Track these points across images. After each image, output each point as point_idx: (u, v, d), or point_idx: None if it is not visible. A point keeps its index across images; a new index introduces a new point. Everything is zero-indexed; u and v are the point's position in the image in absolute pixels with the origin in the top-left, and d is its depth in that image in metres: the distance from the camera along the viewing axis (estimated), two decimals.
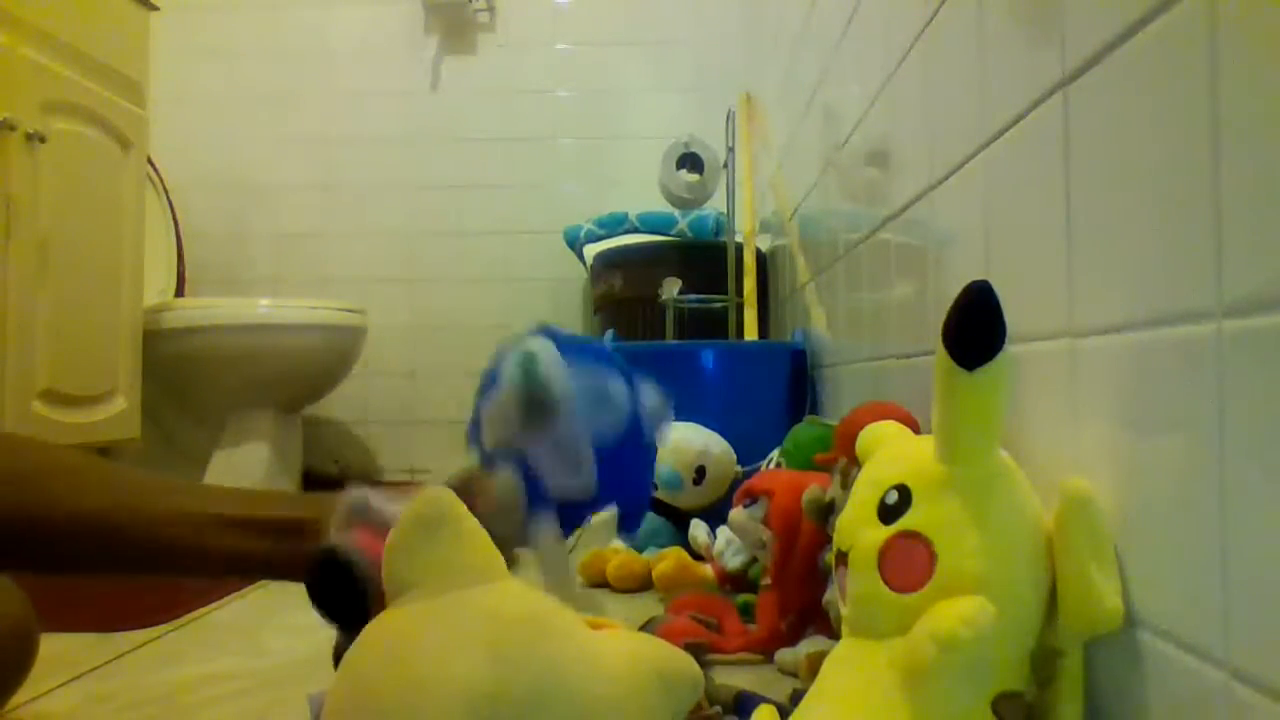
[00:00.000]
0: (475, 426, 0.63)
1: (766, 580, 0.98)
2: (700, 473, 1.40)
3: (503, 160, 2.77)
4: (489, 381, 0.62)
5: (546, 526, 0.58)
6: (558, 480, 0.58)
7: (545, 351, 0.60)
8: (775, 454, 1.34)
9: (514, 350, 0.61)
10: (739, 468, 1.44)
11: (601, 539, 1.45)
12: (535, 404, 0.57)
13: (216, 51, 2.79)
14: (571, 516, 0.61)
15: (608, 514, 0.65)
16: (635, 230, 2.34)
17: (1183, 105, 0.44)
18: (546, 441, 0.58)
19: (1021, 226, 0.66)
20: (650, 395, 0.64)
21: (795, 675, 0.87)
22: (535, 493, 0.58)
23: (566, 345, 0.61)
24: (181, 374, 2.21)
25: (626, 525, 0.66)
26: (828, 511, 0.83)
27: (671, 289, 1.94)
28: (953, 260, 0.83)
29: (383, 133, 2.78)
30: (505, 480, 0.58)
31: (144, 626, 1.10)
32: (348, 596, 0.53)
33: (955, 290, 0.52)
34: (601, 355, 0.62)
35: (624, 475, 0.61)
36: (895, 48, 0.99)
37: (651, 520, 1.46)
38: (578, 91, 2.78)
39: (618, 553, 1.33)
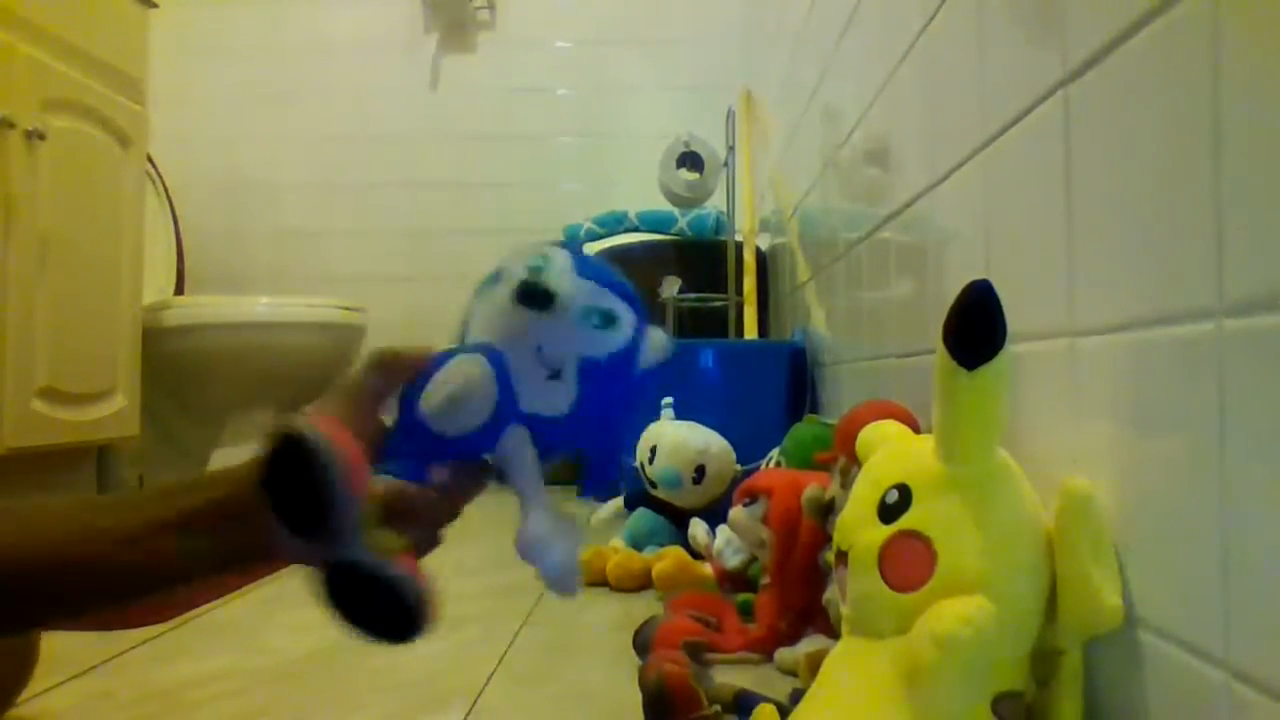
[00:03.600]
0: (464, 325, 0.56)
1: (766, 579, 0.98)
2: (700, 471, 1.40)
3: (502, 159, 2.77)
4: (491, 278, 0.55)
5: (516, 430, 0.52)
6: (532, 388, 0.52)
7: (559, 258, 0.53)
8: (775, 453, 1.34)
9: (527, 253, 0.56)
10: (738, 466, 1.44)
11: (601, 537, 1.45)
12: (532, 293, 0.51)
13: (216, 49, 2.79)
14: (537, 438, 0.53)
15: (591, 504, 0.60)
16: (635, 229, 2.34)
17: (1184, 104, 0.44)
18: (532, 340, 0.52)
19: (1022, 225, 0.66)
20: (656, 335, 0.57)
21: (795, 674, 0.87)
22: (505, 398, 0.51)
23: (584, 261, 0.55)
24: (181, 372, 2.21)
25: (591, 480, 0.57)
26: (827, 510, 0.83)
27: (671, 288, 1.94)
28: (953, 259, 0.83)
29: (382, 131, 2.78)
30: (472, 361, 0.51)
31: (150, 623, 1.10)
32: (309, 480, 0.44)
33: (955, 289, 0.52)
34: (617, 282, 0.57)
35: (602, 408, 0.54)
36: (895, 46, 0.99)
37: (651, 519, 1.45)
38: (578, 90, 2.78)
39: (617, 551, 1.33)
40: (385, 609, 0.47)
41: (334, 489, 0.44)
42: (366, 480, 0.47)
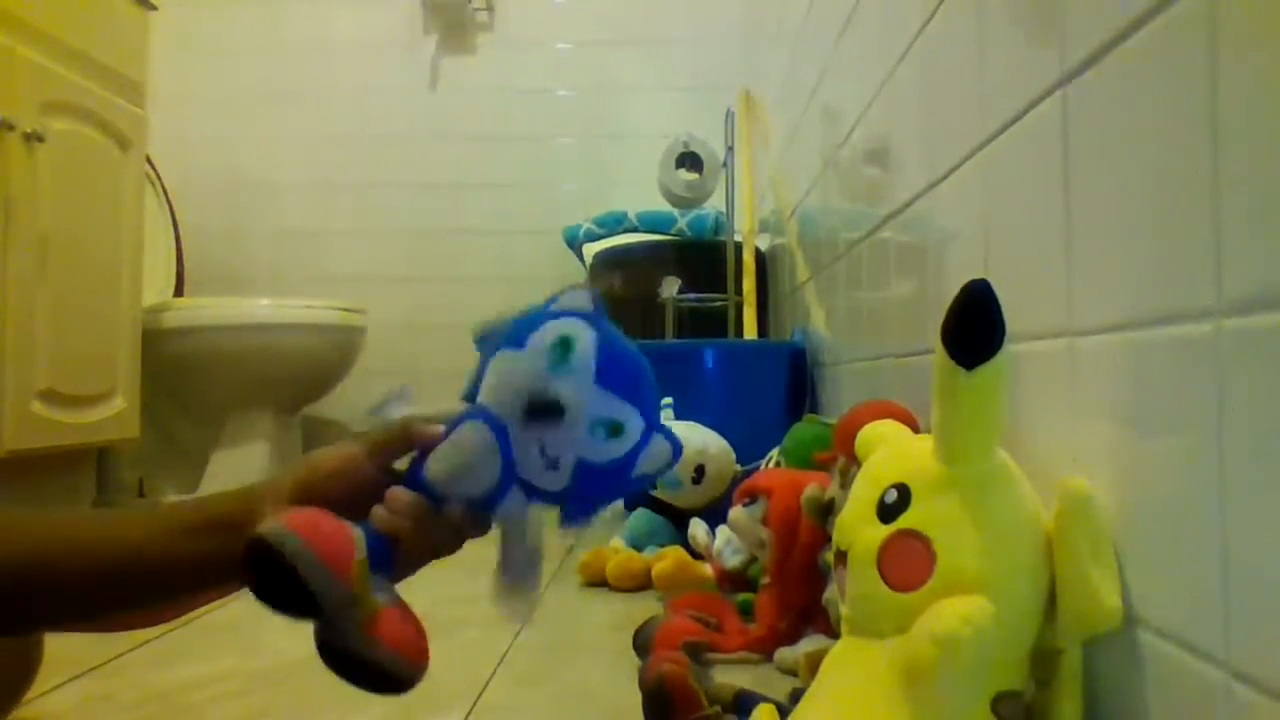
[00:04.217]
0: (485, 344, 0.58)
1: (766, 579, 0.98)
2: (699, 471, 1.40)
3: (502, 159, 2.77)
4: (519, 332, 0.57)
5: (514, 496, 0.54)
6: (528, 468, 0.55)
7: (583, 344, 0.56)
8: (775, 453, 1.34)
9: (557, 321, 0.57)
10: (738, 467, 1.44)
11: (601, 537, 1.45)
12: (542, 404, 0.53)
13: (215, 50, 2.79)
14: (531, 498, 0.56)
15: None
16: (634, 229, 2.34)
17: (1182, 104, 0.44)
18: (536, 435, 0.54)
19: (1021, 225, 0.66)
20: (659, 446, 0.60)
21: (794, 674, 0.87)
22: (506, 469, 0.54)
23: (609, 349, 0.57)
24: (181, 374, 2.21)
25: (569, 517, 0.58)
26: (827, 510, 0.83)
27: (671, 288, 1.94)
28: (952, 259, 0.83)
29: (382, 131, 2.78)
30: (477, 432, 0.54)
31: (144, 626, 1.10)
32: (291, 583, 0.48)
33: (954, 289, 0.52)
34: (635, 377, 0.58)
35: (593, 492, 0.57)
36: (894, 46, 0.99)
37: (650, 519, 1.45)
38: (577, 90, 2.78)
39: (617, 552, 1.33)
40: (376, 680, 0.51)
41: (312, 588, 0.48)
42: (348, 565, 0.50)
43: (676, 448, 0.59)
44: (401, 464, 0.56)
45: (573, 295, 0.60)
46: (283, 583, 0.48)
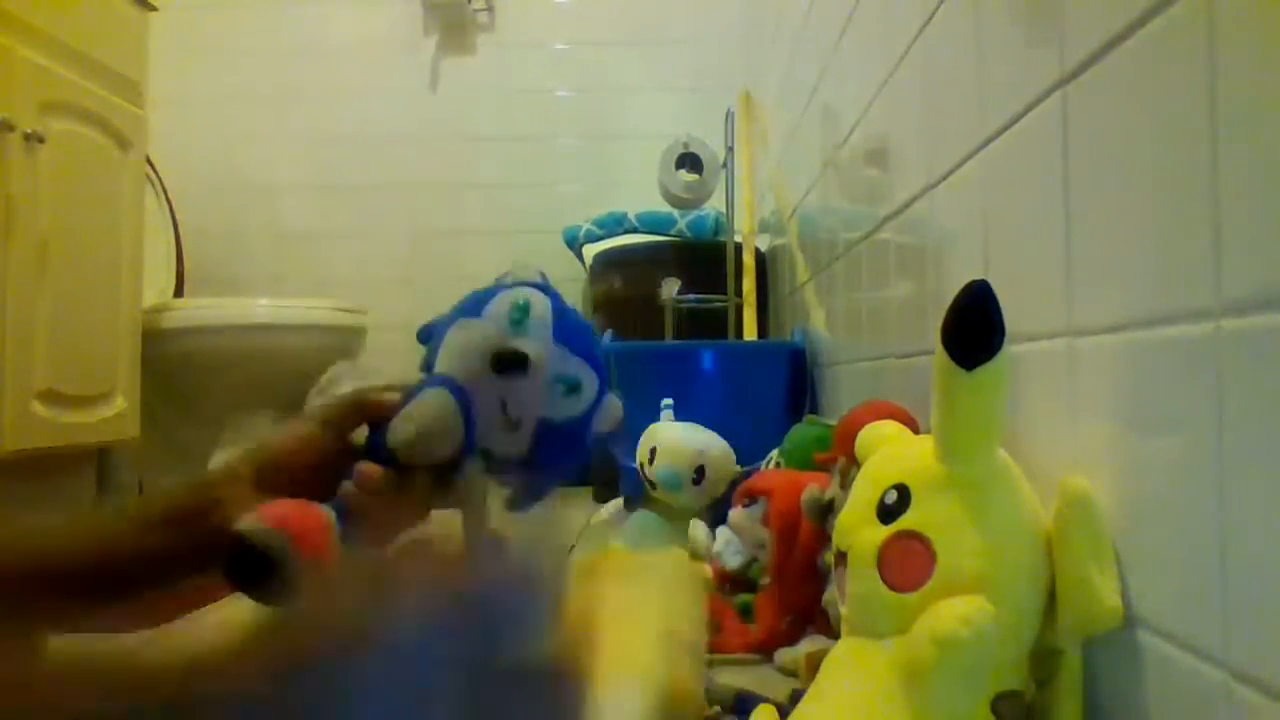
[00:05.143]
0: (432, 336, 0.60)
1: (766, 580, 0.98)
2: (699, 473, 1.40)
3: (502, 160, 2.77)
4: (473, 304, 0.59)
5: (472, 464, 0.55)
6: (490, 433, 0.55)
7: (540, 305, 0.57)
8: (774, 454, 1.34)
9: (512, 290, 0.58)
10: (738, 468, 1.43)
11: (601, 538, 1.45)
12: (508, 360, 0.54)
13: (215, 51, 2.79)
14: (491, 471, 0.57)
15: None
16: (634, 230, 2.34)
17: (1182, 104, 0.44)
18: (498, 392, 0.55)
19: (1020, 226, 0.66)
20: (613, 404, 0.61)
21: (794, 675, 0.87)
22: (468, 436, 0.55)
23: (562, 314, 0.59)
24: (181, 374, 2.21)
25: (530, 490, 0.59)
26: (827, 511, 0.83)
27: (671, 289, 1.93)
28: (952, 259, 0.83)
29: (382, 132, 2.78)
30: (440, 398, 0.54)
31: (142, 627, 1.10)
32: (271, 577, 0.48)
33: (954, 290, 0.52)
34: (587, 339, 0.60)
35: (553, 455, 0.58)
36: (894, 47, 0.99)
37: (651, 520, 1.45)
38: (577, 91, 2.78)
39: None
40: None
41: (294, 581, 0.47)
42: (328, 558, 0.49)
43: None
44: (357, 437, 0.55)
45: (522, 271, 0.61)
46: (263, 576, 0.48)
